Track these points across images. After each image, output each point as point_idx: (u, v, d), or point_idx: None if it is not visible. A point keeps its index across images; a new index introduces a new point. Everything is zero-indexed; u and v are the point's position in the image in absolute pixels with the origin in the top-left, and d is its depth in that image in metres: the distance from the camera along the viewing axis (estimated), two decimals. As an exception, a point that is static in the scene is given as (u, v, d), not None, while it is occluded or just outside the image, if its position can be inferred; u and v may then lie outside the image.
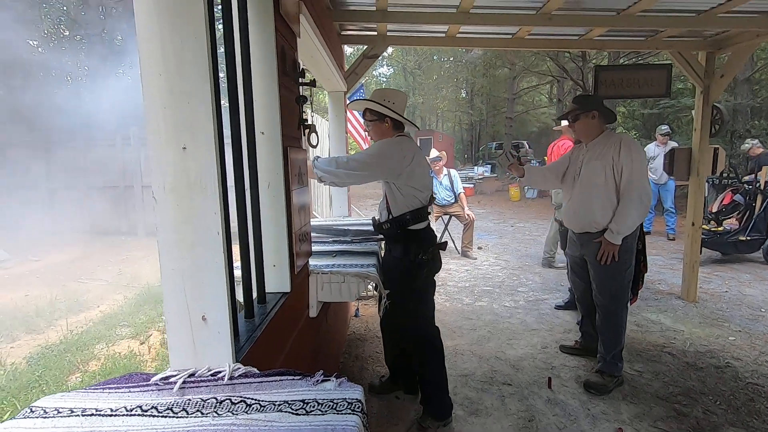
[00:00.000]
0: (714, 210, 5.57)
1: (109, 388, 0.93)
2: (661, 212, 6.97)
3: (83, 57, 12.03)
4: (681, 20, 3.24)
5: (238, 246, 1.28)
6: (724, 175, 6.40)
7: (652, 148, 6.50)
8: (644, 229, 2.67)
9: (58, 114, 9.05)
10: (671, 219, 6.59)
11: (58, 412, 0.85)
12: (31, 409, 0.86)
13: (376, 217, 2.25)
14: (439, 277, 2.29)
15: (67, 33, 12.52)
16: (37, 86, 10.32)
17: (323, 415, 0.84)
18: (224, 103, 1.13)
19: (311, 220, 2.27)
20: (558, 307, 3.84)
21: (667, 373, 2.72)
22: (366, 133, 2.26)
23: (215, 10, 1.06)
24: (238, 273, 1.34)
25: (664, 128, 6.56)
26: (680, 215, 6.93)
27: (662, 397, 2.47)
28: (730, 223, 5.38)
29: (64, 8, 12.31)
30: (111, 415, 0.84)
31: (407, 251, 2.08)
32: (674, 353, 2.98)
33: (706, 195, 5.55)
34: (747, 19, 3.26)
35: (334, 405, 0.87)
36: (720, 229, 5.28)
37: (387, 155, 2.02)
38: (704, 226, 4.97)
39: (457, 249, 6.01)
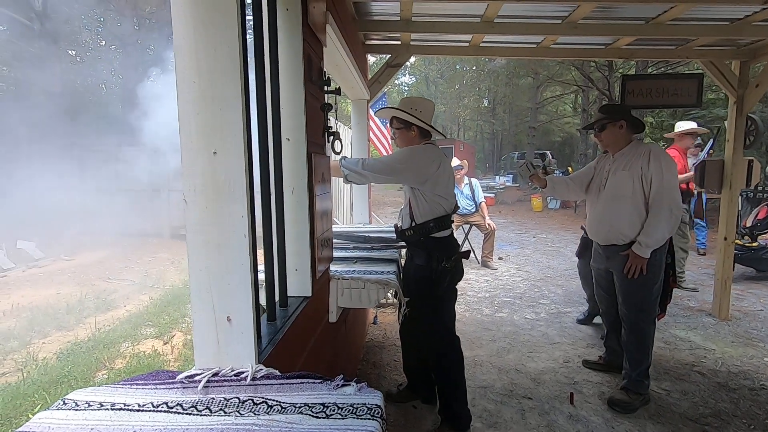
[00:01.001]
0: (748, 224, 5.34)
1: (137, 384, 0.96)
2: (690, 226, 6.73)
3: (117, 66, 12.56)
4: (714, 29, 3.16)
5: (261, 249, 1.30)
6: (759, 188, 6.14)
7: (682, 160, 6.30)
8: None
9: (93, 119, 9.44)
10: (701, 233, 6.36)
11: (89, 405, 0.88)
12: (63, 401, 0.90)
13: (398, 224, 2.25)
14: (459, 287, 2.27)
15: (104, 43, 13.12)
16: (73, 93, 10.81)
17: (343, 419, 0.85)
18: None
19: (332, 226, 2.29)
20: (580, 322, 3.73)
21: (697, 393, 2.61)
22: (392, 140, 2.29)
23: (246, 19, 1.10)
24: (261, 276, 1.37)
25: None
26: (711, 229, 6.68)
27: (691, 418, 2.36)
28: (766, 238, 5.15)
29: (102, 19, 12.92)
30: (138, 410, 0.87)
31: (430, 259, 2.07)
32: (704, 372, 2.86)
33: (740, 209, 5.33)
34: (784, 28, 3.15)
35: (354, 409, 0.87)
36: (755, 244, 5.05)
37: (413, 161, 2.03)
38: (738, 241, 4.77)
39: (477, 259, 5.95)
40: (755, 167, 3.83)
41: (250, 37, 1.19)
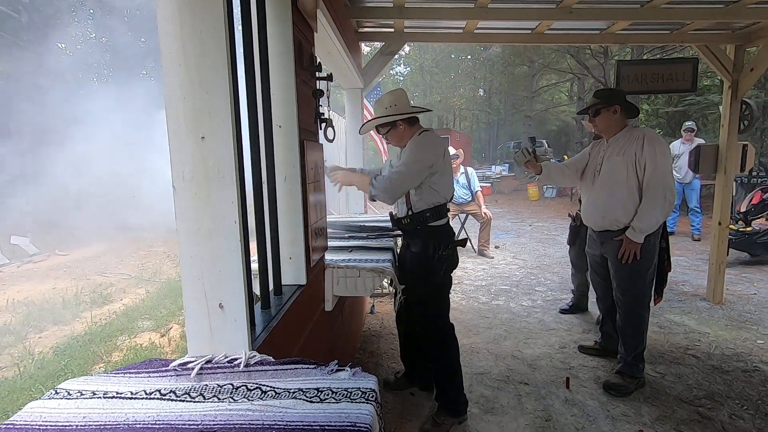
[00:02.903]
0: (742, 209, 5.36)
1: (130, 373, 0.96)
2: (685, 212, 6.77)
3: (108, 58, 12.39)
4: (708, 12, 3.13)
5: (255, 239, 1.29)
6: (754, 173, 6.16)
7: (677, 146, 6.30)
8: (668, 230, 2.59)
9: (83, 113, 9.32)
10: (696, 219, 6.39)
11: (81, 394, 0.88)
12: (56, 391, 0.89)
13: (394, 212, 2.24)
14: (456, 276, 2.27)
15: (94, 35, 12.92)
16: (64, 87, 10.66)
17: (337, 403, 0.85)
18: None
19: (328, 217, 2.28)
20: (563, 311, 3.68)
21: (691, 376, 2.64)
22: (387, 144, 2.26)
23: (234, 4, 1.07)
24: (255, 266, 1.36)
25: (690, 124, 6.36)
26: (706, 215, 6.71)
27: (685, 400, 2.39)
28: (760, 223, 5.17)
29: (91, 11, 12.71)
30: (131, 398, 0.87)
31: (426, 247, 2.06)
32: (698, 356, 2.89)
33: (734, 194, 5.35)
34: (779, 10, 3.13)
35: (348, 393, 0.87)
36: (749, 229, 5.08)
37: (425, 150, 2.00)
38: (732, 226, 4.79)
39: (473, 248, 5.96)
40: (750, 152, 3.84)
41: (239, 25, 1.17)
